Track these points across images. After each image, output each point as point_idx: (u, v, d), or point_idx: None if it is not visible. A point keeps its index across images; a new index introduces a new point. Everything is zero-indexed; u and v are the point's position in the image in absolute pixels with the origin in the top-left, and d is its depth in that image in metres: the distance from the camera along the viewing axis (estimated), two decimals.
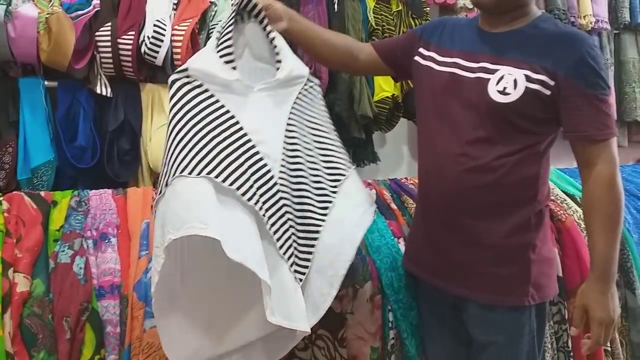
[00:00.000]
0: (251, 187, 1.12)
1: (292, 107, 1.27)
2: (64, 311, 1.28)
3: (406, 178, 2.05)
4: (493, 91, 1.16)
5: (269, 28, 1.29)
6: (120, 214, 1.55)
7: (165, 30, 1.70)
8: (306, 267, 1.19)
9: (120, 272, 1.41)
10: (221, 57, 1.21)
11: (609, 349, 1.71)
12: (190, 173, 1.08)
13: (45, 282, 1.29)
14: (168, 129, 1.16)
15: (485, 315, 1.26)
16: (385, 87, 2.11)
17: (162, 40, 1.69)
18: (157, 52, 1.69)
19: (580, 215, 1.82)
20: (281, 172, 1.18)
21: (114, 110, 1.76)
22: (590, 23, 2.55)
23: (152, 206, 1.55)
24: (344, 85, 2.03)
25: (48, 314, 1.25)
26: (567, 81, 1.12)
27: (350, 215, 1.25)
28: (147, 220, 1.52)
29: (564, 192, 1.95)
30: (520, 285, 1.24)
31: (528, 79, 1.14)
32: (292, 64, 1.31)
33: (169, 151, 1.14)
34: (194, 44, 1.77)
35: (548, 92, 1.14)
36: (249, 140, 1.16)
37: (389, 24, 2.12)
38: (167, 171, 1.12)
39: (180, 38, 1.70)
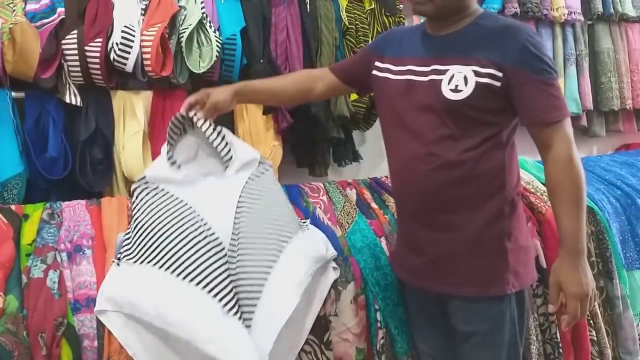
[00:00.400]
0: (203, 269, 1.27)
1: (243, 189, 1.43)
2: (39, 327, 1.24)
3: (387, 176, 2.05)
4: (446, 90, 1.22)
5: (212, 137, 1.45)
6: (94, 224, 1.52)
7: (134, 36, 1.66)
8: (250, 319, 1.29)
9: (96, 284, 1.37)
10: (169, 161, 1.44)
11: (595, 338, 1.72)
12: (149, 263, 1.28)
13: (19, 298, 1.26)
14: (132, 227, 1.36)
15: (467, 306, 1.29)
16: None
17: (131, 47, 1.65)
18: (127, 58, 1.66)
19: None
20: (231, 243, 1.32)
21: (84, 119, 1.71)
22: (564, 15, 2.56)
23: (128, 217, 1.54)
24: None
25: (22, 330, 1.22)
26: (513, 70, 1.18)
27: (288, 277, 1.32)
28: (124, 232, 1.49)
29: (543, 184, 1.96)
30: (500, 274, 1.27)
31: (477, 74, 1.19)
32: (242, 155, 1.50)
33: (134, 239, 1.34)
34: (164, 49, 1.74)
35: (498, 84, 1.19)
36: (202, 219, 1.33)
37: (362, 22, 2.11)
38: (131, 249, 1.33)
39: (150, 43, 1.67)
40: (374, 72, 1.38)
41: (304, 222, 1.47)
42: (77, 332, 1.28)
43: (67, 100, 1.68)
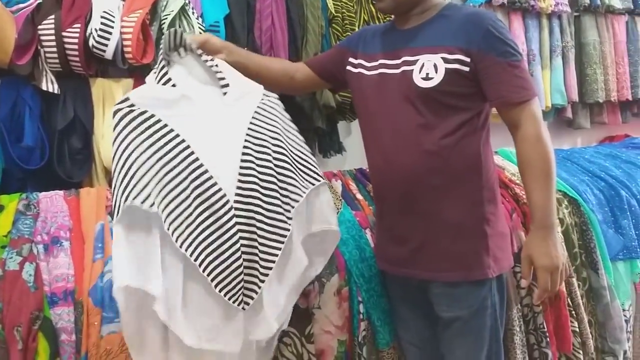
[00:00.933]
0: (196, 230, 1.12)
1: (250, 123, 1.23)
2: (15, 321, 1.22)
3: None
4: (418, 79, 1.26)
5: (206, 58, 1.29)
6: (72, 216, 1.49)
7: (113, 22, 1.61)
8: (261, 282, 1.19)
9: (74, 277, 1.35)
10: (160, 83, 1.21)
11: (577, 329, 1.73)
12: (142, 202, 1.07)
13: None
14: (114, 159, 1.13)
15: (449, 292, 1.32)
16: None
17: (110, 33, 1.60)
18: (106, 45, 1.61)
19: None
20: (237, 194, 1.16)
21: (62, 108, 1.66)
22: (550, 6, 2.56)
23: (106, 207, 1.51)
24: None
25: None
26: (479, 55, 1.23)
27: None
28: (102, 222, 1.46)
29: None
30: (480, 258, 1.30)
31: (445, 60, 1.25)
32: (241, 84, 1.30)
33: (117, 181, 1.11)
34: (145, 36, 1.69)
35: (466, 69, 1.25)
36: (201, 165, 1.13)
37: (349, 10, 2.08)
38: (117, 198, 1.10)
39: (130, 30, 1.62)
40: (348, 67, 1.43)
41: (317, 179, 1.33)
42: (54, 325, 1.26)
43: (44, 88, 1.63)
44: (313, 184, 1.31)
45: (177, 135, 1.14)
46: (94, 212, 1.51)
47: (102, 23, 1.61)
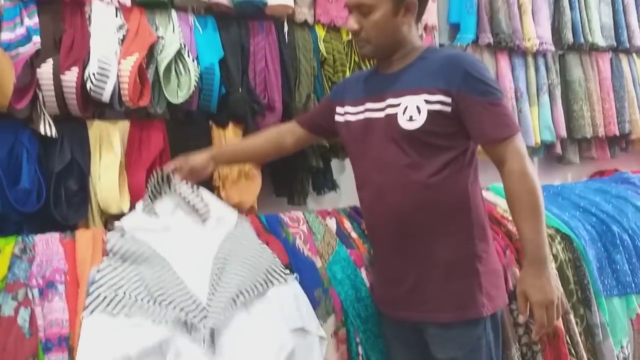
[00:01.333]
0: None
1: (221, 244, 1.47)
2: None
3: None
4: (402, 121, 1.30)
5: (189, 192, 1.54)
6: (68, 259, 1.48)
7: (111, 65, 1.64)
8: None
9: (68, 322, 1.34)
10: (146, 212, 1.52)
11: None
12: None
13: None
14: (101, 270, 1.37)
15: (443, 333, 1.32)
16: None
17: (108, 76, 1.63)
18: (103, 88, 1.64)
19: None
20: (208, 297, 1.33)
21: (59, 150, 1.68)
22: (535, 45, 2.64)
23: (103, 250, 1.51)
24: (298, 115, 2.01)
25: None
26: (460, 95, 1.26)
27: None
28: (97, 266, 1.45)
29: None
30: (473, 297, 1.30)
31: (428, 102, 1.28)
32: (220, 212, 1.56)
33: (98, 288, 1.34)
34: (142, 79, 1.73)
35: (448, 109, 1.28)
36: (178, 277, 1.36)
37: (339, 52, 2.14)
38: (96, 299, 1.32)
39: (127, 73, 1.65)
40: (336, 117, 1.48)
41: (285, 276, 1.46)
42: None
43: (42, 132, 1.64)
44: (268, 286, 1.41)
45: (159, 255, 1.39)
46: (90, 255, 1.50)
47: (99, 67, 1.64)
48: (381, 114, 1.34)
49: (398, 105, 1.31)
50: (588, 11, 2.86)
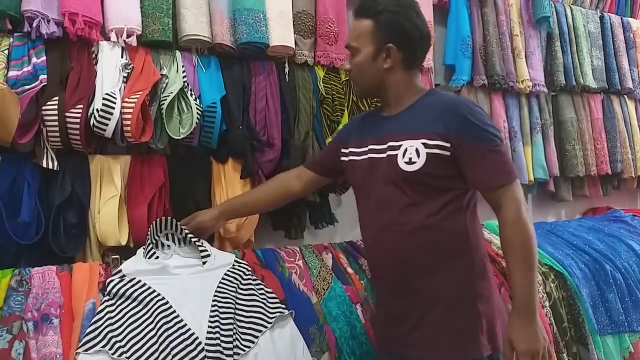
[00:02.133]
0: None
1: (218, 285, 1.52)
2: None
3: (362, 241, 2.06)
4: (402, 163, 1.33)
5: (191, 237, 1.64)
6: (64, 292, 1.50)
7: (115, 103, 1.69)
8: None
9: (62, 356, 1.34)
10: (146, 257, 1.59)
11: None
12: (120, 355, 1.32)
13: None
14: (103, 316, 1.40)
15: None
16: None
17: (111, 113, 1.67)
18: (107, 124, 1.68)
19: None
20: (207, 337, 1.37)
21: (60, 184, 1.70)
22: (528, 87, 2.71)
23: (99, 283, 1.52)
24: (297, 152, 2.05)
25: None
26: (458, 140, 1.29)
27: None
28: (93, 300, 1.47)
29: None
30: (474, 337, 1.31)
31: (426, 146, 1.31)
32: (217, 256, 1.64)
33: (100, 325, 1.38)
34: (145, 115, 1.77)
35: (447, 153, 1.31)
36: (177, 316, 1.40)
37: (338, 92, 2.20)
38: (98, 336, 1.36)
39: (131, 110, 1.69)
40: (342, 158, 1.54)
41: (281, 315, 1.50)
42: None
43: (44, 165, 1.67)
44: (265, 327, 1.46)
45: (159, 294, 1.45)
46: (86, 289, 1.51)
47: (104, 104, 1.68)
48: (383, 155, 1.38)
49: (398, 147, 1.34)
50: (580, 55, 2.94)
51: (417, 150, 1.31)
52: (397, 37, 1.36)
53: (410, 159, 1.32)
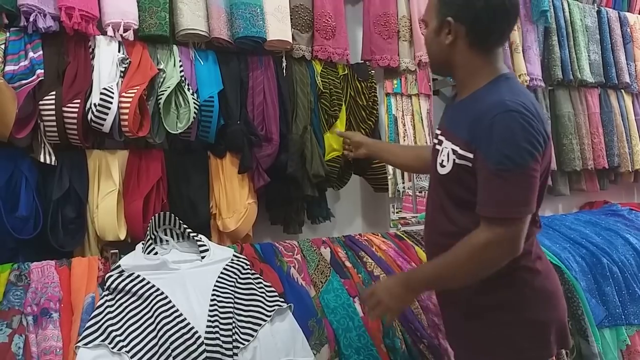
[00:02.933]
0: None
1: (217, 280, 1.54)
2: None
3: (360, 234, 2.07)
4: (437, 163, 1.28)
5: (189, 232, 1.72)
6: (63, 286, 1.50)
7: (112, 97, 1.68)
8: None
9: (61, 349, 1.34)
10: (145, 252, 1.62)
11: None
12: (119, 350, 1.33)
13: None
14: (102, 311, 1.41)
15: None
16: (336, 146, 2.16)
17: (109, 108, 1.67)
18: (104, 119, 1.68)
19: None
20: (206, 330, 1.38)
21: (58, 179, 1.70)
22: (526, 81, 2.71)
23: (98, 277, 1.52)
24: (295, 147, 2.05)
25: None
26: (477, 153, 1.16)
27: None
28: (92, 294, 1.47)
29: None
30: (490, 345, 1.25)
31: (455, 153, 1.21)
32: (215, 251, 1.68)
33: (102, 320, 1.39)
34: (142, 110, 1.77)
35: (470, 164, 1.18)
36: (177, 310, 1.41)
37: (336, 87, 2.20)
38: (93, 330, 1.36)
39: (128, 105, 1.69)
40: None
41: (280, 309, 1.51)
42: None
43: (42, 160, 1.67)
44: (264, 320, 1.47)
45: (158, 289, 1.47)
46: (85, 283, 1.52)
47: (101, 99, 1.68)
48: (437, 147, 1.31)
49: (440, 144, 1.28)
50: (577, 49, 2.94)
51: (448, 154, 1.22)
52: (457, 10, 1.20)
53: (442, 161, 1.24)
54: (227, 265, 1.61)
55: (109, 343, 1.33)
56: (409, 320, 1.63)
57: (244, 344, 1.39)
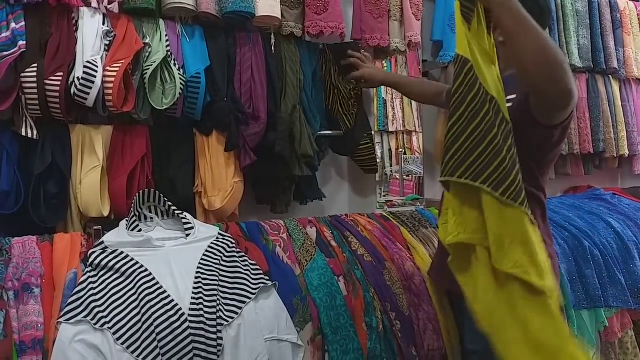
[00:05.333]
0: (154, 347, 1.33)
1: (202, 257, 1.54)
2: None
3: (346, 215, 2.08)
4: None
5: (174, 209, 1.71)
6: (45, 262, 1.49)
7: (96, 71, 1.65)
8: None
9: (43, 325, 1.34)
10: (129, 229, 1.61)
11: None
12: (102, 326, 1.33)
13: None
14: (84, 283, 1.42)
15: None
16: None
17: (93, 82, 1.64)
18: (88, 93, 1.64)
19: None
20: (190, 308, 1.38)
21: (40, 153, 1.67)
22: None
23: (80, 254, 1.51)
24: (284, 125, 2.03)
25: None
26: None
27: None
28: (75, 270, 1.46)
29: None
30: None
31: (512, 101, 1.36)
32: (200, 229, 1.68)
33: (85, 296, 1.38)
34: (127, 85, 1.74)
35: (525, 107, 1.35)
36: (160, 287, 1.41)
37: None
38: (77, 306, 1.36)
39: (112, 79, 1.66)
40: None
41: (264, 287, 1.52)
42: None
43: (23, 134, 1.64)
44: (249, 298, 1.47)
45: (142, 266, 1.46)
46: (67, 259, 1.51)
47: (85, 72, 1.65)
48: None
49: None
50: (567, 33, 2.94)
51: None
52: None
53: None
54: (212, 243, 1.61)
55: (92, 319, 1.33)
56: (387, 299, 1.65)
57: (228, 321, 1.40)
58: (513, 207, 1.16)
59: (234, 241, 1.66)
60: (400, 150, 3.61)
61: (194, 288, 1.42)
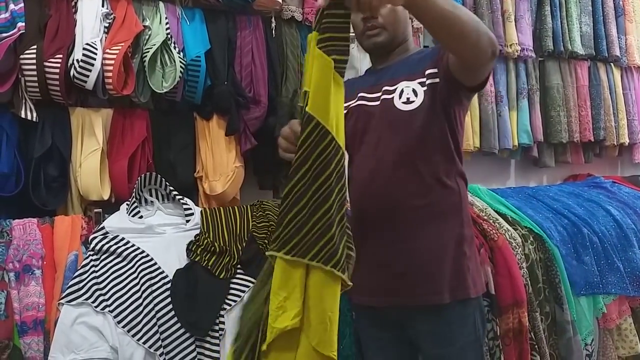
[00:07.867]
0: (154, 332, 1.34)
1: None
2: None
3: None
4: (399, 104, 1.34)
5: (175, 194, 1.71)
6: (45, 244, 1.49)
7: (96, 53, 1.64)
8: None
9: (44, 306, 1.35)
10: (129, 214, 1.60)
11: None
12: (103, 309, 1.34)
13: None
14: (84, 266, 1.42)
15: (434, 318, 1.31)
16: None
17: (92, 64, 1.63)
18: (88, 76, 1.63)
19: (511, 234, 1.89)
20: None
21: (40, 135, 1.67)
22: (516, 51, 2.69)
23: (81, 236, 1.51)
24: (284, 109, 2.03)
25: None
26: (441, 59, 1.30)
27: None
28: (76, 252, 1.47)
29: (495, 211, 2.03)
30: (464, 278, 1.32)
31: (422, 84, 1.33)
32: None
33: (87, 277, 1.40)
34: (127, 68, 1.73)
35: (437, 80, 1.31)
36: (162, 272, 1.43)
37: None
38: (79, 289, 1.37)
39: (112, 62, 1.65)
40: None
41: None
42: (23, 355, 1.26)
43: (23, 116, 1.64)
44: (251, 282, 1.46)
45: (143, 251, 1.47)
46: (68, 241, 1.51)
47: (84, 54, 1.64)
48: (376, 103, 1.38)
49: (394, 91, 1.35)
50: (569, 20, 2.92)
51: (414, 90, 1.33)
52: None
53: (407, 98, 1.34)
54: None
55: (93, 302, 1.34)
56: None
57: (230, 306, 1.40)
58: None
59: None
60: None
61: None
